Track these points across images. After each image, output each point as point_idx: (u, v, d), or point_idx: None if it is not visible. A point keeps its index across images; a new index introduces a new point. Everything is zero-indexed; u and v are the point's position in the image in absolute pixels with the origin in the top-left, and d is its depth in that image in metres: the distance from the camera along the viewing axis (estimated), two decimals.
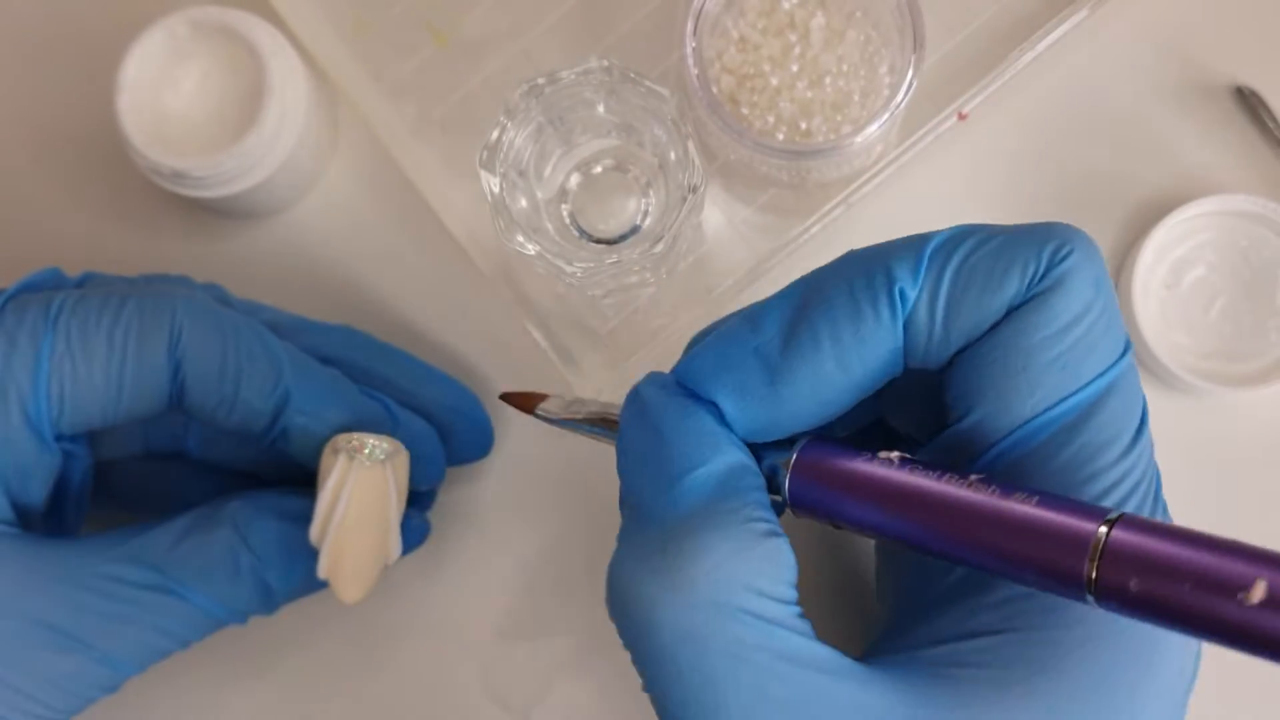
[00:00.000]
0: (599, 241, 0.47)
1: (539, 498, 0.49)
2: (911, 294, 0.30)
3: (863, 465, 0.30)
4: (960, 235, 0.30)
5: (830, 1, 0.46)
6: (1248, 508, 0.48)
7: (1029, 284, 0.29)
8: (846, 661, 0.29)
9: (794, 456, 0.31)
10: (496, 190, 0.42)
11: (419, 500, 0.46)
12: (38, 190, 0.51)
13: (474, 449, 0.47)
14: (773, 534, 0.29)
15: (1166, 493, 0.48)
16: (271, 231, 0.50)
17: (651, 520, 0.30)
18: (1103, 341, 0.30)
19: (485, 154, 0.42)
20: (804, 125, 0.45)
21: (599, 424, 0.37)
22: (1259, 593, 0.24)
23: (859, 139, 0.43)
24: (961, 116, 0.47)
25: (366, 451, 0.41)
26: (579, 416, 0.38)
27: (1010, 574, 0.28)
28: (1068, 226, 0.31)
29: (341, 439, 0.41)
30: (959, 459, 0.31)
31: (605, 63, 0.42)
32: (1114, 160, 0.49)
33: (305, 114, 0.47)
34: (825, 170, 0.46)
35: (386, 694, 0.48)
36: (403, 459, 0.42)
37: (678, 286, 0.48)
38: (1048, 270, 0.29)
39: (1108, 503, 0.29)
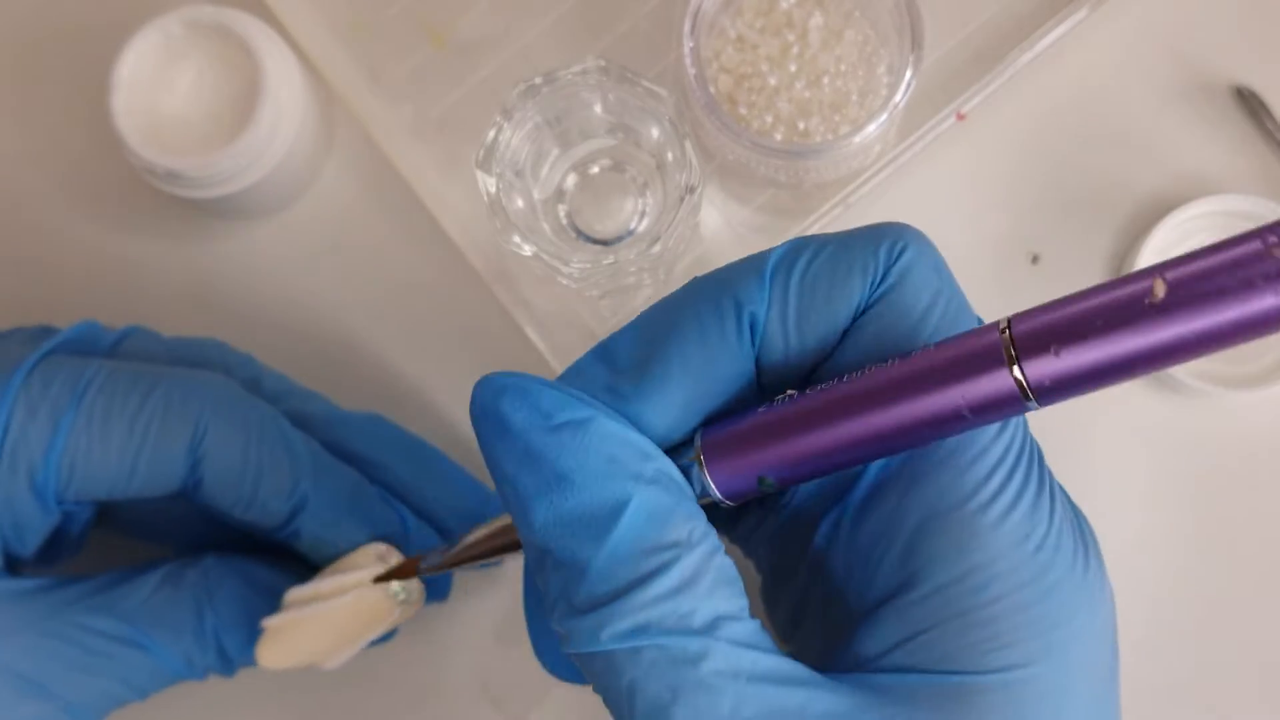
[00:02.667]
0: (596, 242, 0.47)
1: None
2: (761, 314, 0.30)
3: (767, 415, 0.29)
4: (796, 249, 0.30)
5: (828, 1, 0.46)
6: (1247, 509, 0.48)
7: (873, 284, 0.29)
8: (811, 672, 0.29)
9: (698, 449, 0.30)
10: (493, 190, 0.42)
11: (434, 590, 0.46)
12: (32, 191, 0.51)
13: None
14: (718, 550, 0.29)
15: (1168, 494, 0.48)
16: (266, 232, 0.50)
17: (594, 577, 0.28)
18: (959, 325, 0.30)
19: (482, 154, 0.42)
20: (802, 125, 0.45)
21: (492, 544, 0.35)
22: (1160, 288, 0.25)
23: (857, 139, 0.43)
24: (960, 117, 0.47)
25: (394, 588, 0.41)
26: (467, 549, 0.36)
27: (946, 426, 0.27)
28: (896, 224, 0.31)
29: (383, 550, 0.41)
30: (845, 475, 0.31)
31: (602, 63, 0.42)
32: (1114, 161, 0.49)
33: (300, 114, 0.46)
34: (823, 170, 0.46)
35: (385, 697, 0.47)
36: (413, 608, 0.42)
37: (675, 287, 0.47)
38: (888, 268, 0.30)
39: (994, 475, 0.29)
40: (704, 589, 0.28)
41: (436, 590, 0.44)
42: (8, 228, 0.51)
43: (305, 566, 0.43)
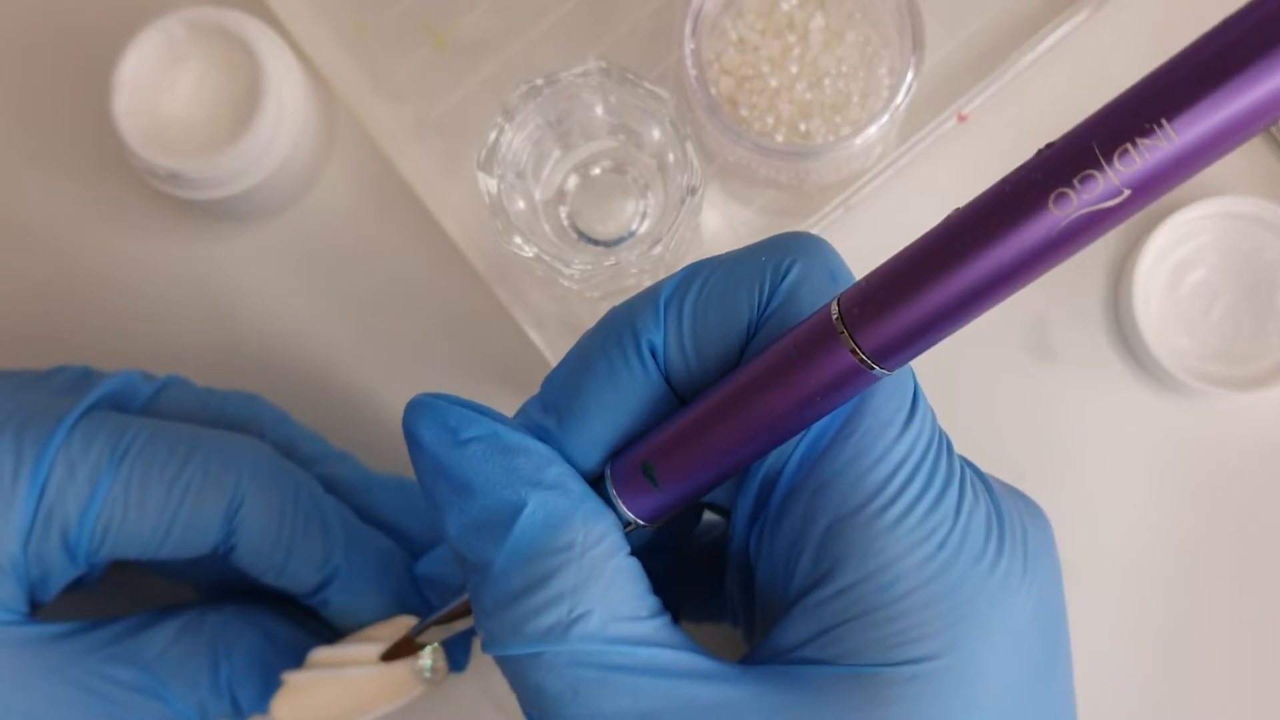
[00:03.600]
0: (597, 243, 0.47)
1: None
2: (659, 342, 0.31)
3: (655, 434, 0.31)
4: (689, 275, 0.32)
5: (829, 3, 0.46)
6: (1246, 511, 0.48)
7: (761, 304, 0.31)
8: (718, 665, 0.30)
9: (608, 476, 0.31)
10: (494, 192, 0.42)
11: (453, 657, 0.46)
12: (34, 192, 0.51)
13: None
14: (617, 550, 0.30)
15: (1169, 495, 0.48)
16: (268, 233, 0.50)
17: (497, 578, 0.30)
18: None
19: (483, 155, 0.42)
20: (803, 127, 0.45)
21: (464, 609, 0.37)
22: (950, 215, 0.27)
23: (858, 140, 0.43)
24: (961, 118, 0.47)
25: (421, 662, 0.41)
26: (441, 614, 0.38)
27: (810, 411, 0.28)
28: (791, 235, 0.32)
29: (416, 627, 0.41)
30: (765, 481, 0.32)
31: (604, 64, 0.42)
32: None
33: (302, 116, 0.47)
34: (824, 172, 0.46)
35: None
36: (437, 682, 0.42)
37: None
38: (775, 287, 0.31)
39: (895, 478, 0.30)
40: (600, 588, 0.29)
41: (456, 662, 0.44)
42: (9, 229, 0.51)
43: (327, 626, 0.43)
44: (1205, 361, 0.47)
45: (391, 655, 0.40)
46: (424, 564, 0.43)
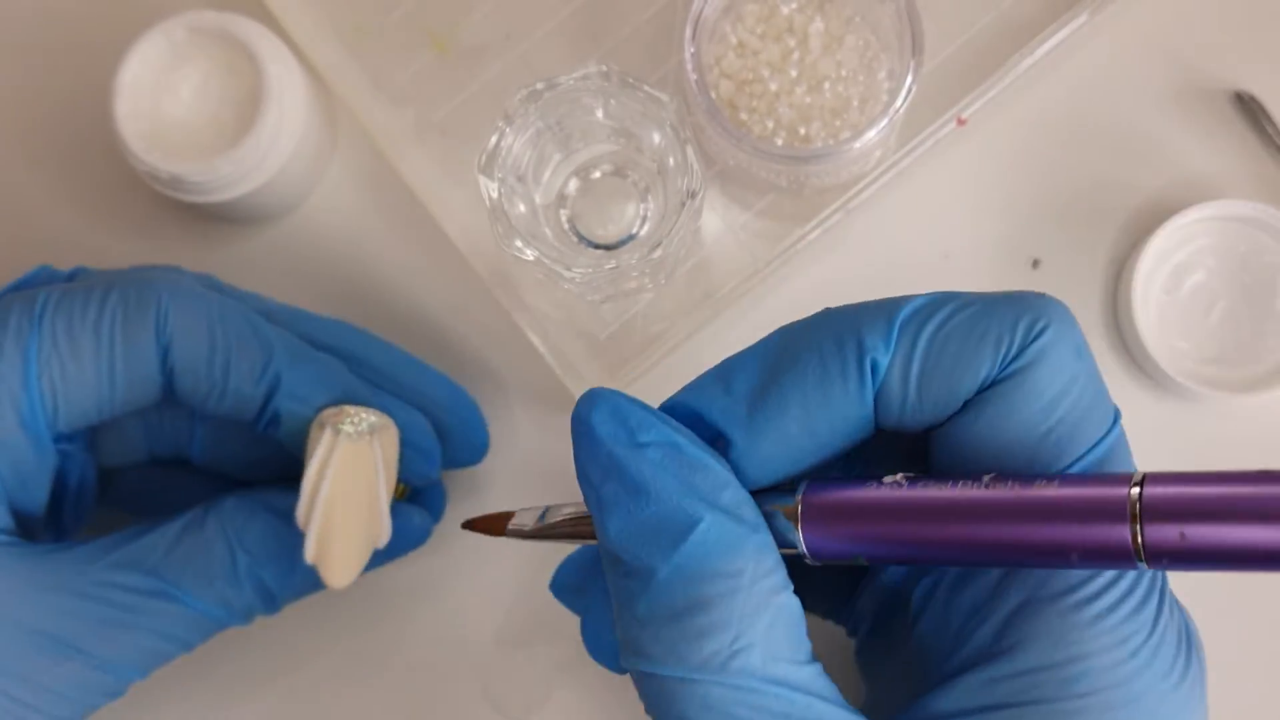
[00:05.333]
0: (597, 247, 0.47)
1: (536, 501, 0.48)
2: (884, 363, 0.30)
3: (874, 494, 0.29)
4: (934, 304, 0.30)
5: (829, 7, 0.46)
6: None
7: (1003, 360, 0.29)
8: None
9: (799, 504, 0.30)
10: (495, 195, 0.42)
11: (428, 504, 0.46)
12: (35, 196, 0.51)
13: (468, 451, 0.46)
14: (783, 588, 0.29)
15: None
16: (269, 237, 0.50)
17: (659, 588, 0.29)
18: (1092, 414, 0.30)
19: (484, 159, 0.42)
20: (803, 130, 0.45)
21: (578, 530, 0.35)
22: None
23: (858, 144, 0.43)
24: (960, 122, 0.47)
25: (351, 425, 0.40)
26: (555, 526, 0.36)
27: (1051, 561, 0.27)
28: (1042, 297, 0.30)
29: (327, 413, 0.40)
30: None
31: (604, 68, 0.42)
32: (1113, 165, 0.49)
33: (303, 119, 0.47)
34: (824, 175, 0.46)
35: (386, 700, 0.47)
36: (391, 434, 0.41)
37: (676, 292, 0.48)
38: (1024, 346, 0.29)
39: (1102, 573, 0.29)
40: (764, 624, 0.28)
41: (413, 536, 0.44)
42: (11, 231, 0.51)
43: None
44: (1204, 364, 0.47)
45: (481, 527, 0.39)
46: (560, 573, 0.40)
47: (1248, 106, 0.49)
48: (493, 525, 0.38)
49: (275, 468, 0.45)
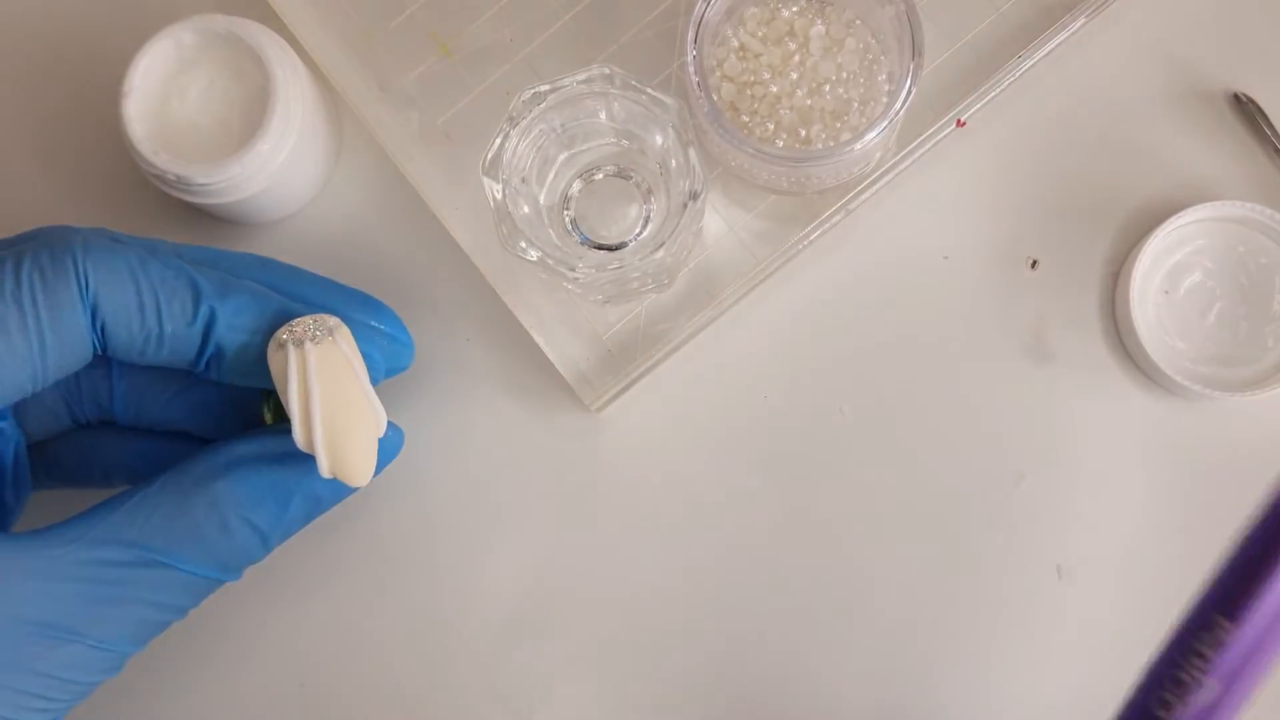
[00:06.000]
0: (601, 247, 0.47)
1: (539, 500, 0.49)
2: None
3: None
4: None
5: (830, 10, 0.46)
6: (1243, 512, 0.48)
7: None
8: None
9: None
10: (499, 197, 0.43)
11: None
12: (44, 196, 0.51)
13: (395, 361, 0.45)
14: None
15: (1165, 497, 0.48)
16: (276, 238, 0.50)
17: None
18: None
19: (488, 161, 0.43)
20: (803, 132, 0.46)
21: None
22: None
23: (858, 146, 0.44)
24: (960, 124, 0.48)
25: (310, 334, 0.40)
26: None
27: None
28: None
29: (281, 333, 0.40)
30: None
31: (607, 71, 0.42)
32: (1111, 166, 0.49)
33: (310, 122, 0.47)
34: (825, 177, 0.46)
35: (390, 695, 0.48)
36: (344, 330, 0.41)
37: (678, 292, 0.48)
38: None
39: None
40: None
41: (387, 451, 0.44)
42: (19, 230, 0.51)
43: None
44: (1201, 364, 0.48)
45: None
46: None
47: (1245, 108, 0.49)
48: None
49: (203, 418, 0.45)
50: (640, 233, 0.47)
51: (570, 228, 0.47)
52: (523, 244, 0.42)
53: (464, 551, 0.48)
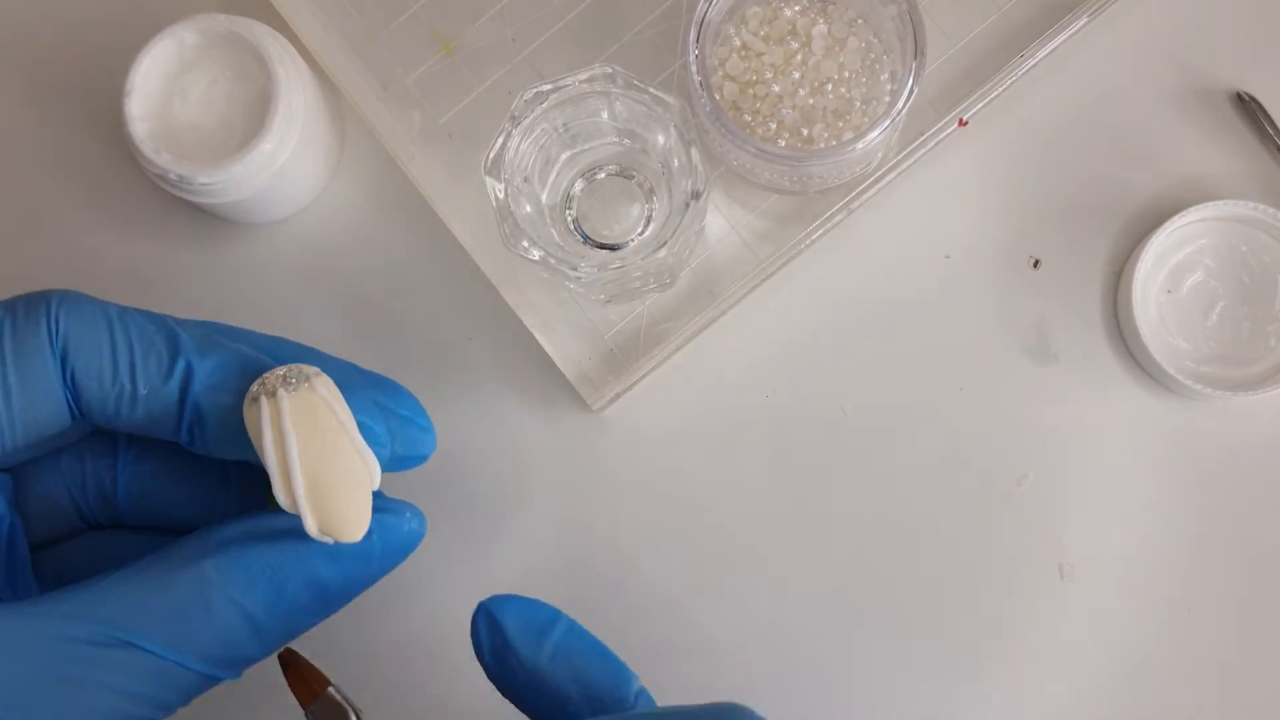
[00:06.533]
0: (603, 247, 0.47)
1: (539, 501, 0.49)
2: None
3: None
4: None
5: (832, 9, 0.46)
6: (1245, 512, 0.48)
7: None
8: None
9: None
10: (501, 196, 0.43)
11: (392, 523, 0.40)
12: (47, 195, 0.51)
13: (415, 448, 0.41)
14: None
15: (1168, 496, 0.48)
16: (278, 237, 0.50)
17: None
18: None
19: (490, 160, 0.43)
20: (806, 132, 0.46)
21: None
22: None
23: (860, 145, 0.44)
24: (962, 123, 0.48)
25: (283, 382, 0.36)
26: None
27: None
28: (739, 711, 0.30)
29: (253, 387, 0.37)
30: None
31: (609, 70, 0.42)
32: (1114, 166, 0.49)
33: (312, 121, 0.47)
34: (827, 176, 0.46)
35: (389, 697, 0.48)
36: (324, 378, 0.37)
37: (680, 291, 0.48)
38: None
39: None
40: None
41: (407, 541, 0.40)
42: (23, 232, 0.51)
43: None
44: (1203, 363, 0.48)
45: (296, 674, 0.38)
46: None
47: (1247, 107, 0.49)
48: (308, 681, 0.38)
49: (208, 505, 0.41)
50: (642, 232, 0.47)
51: (572, 227, 0.47)
52: (525, 243, 0.42)
53: (464, 551, 0.48)
